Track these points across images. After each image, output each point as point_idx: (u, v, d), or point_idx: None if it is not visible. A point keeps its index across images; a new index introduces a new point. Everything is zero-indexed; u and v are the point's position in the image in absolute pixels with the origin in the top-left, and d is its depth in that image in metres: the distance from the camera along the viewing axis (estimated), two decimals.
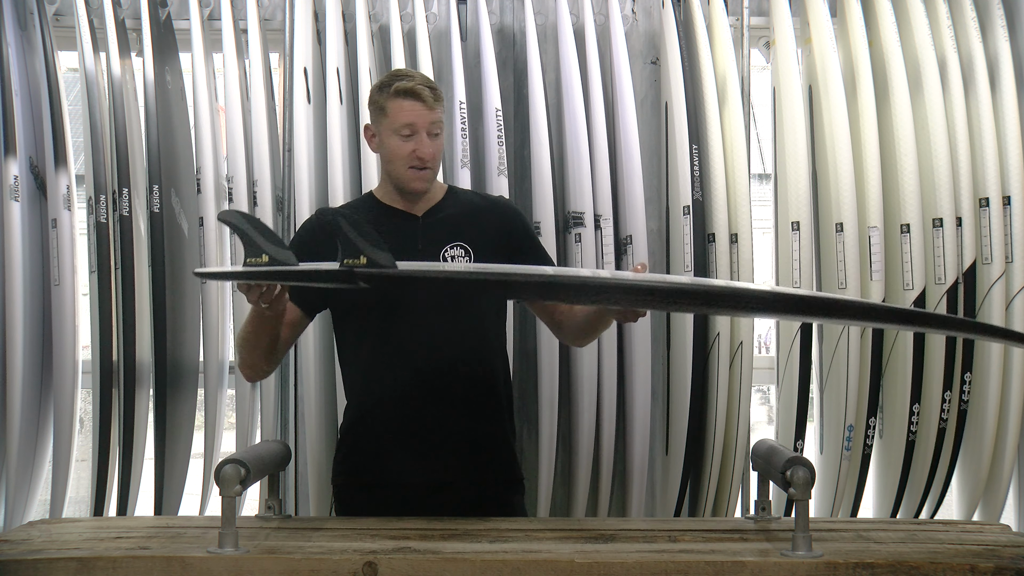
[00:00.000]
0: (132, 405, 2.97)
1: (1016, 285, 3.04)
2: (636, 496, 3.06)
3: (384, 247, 1.91)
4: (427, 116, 2.35)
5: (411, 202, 2.44)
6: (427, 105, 2.35)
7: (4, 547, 1.92)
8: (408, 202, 2.44)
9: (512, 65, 3.25)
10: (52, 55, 3.03)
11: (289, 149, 3.07)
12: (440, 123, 2.39)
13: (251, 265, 1.89)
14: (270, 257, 1.89)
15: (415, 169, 2.38)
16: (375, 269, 1.89)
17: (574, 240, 3.04)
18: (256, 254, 1.89)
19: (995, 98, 3.07)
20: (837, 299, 2.23)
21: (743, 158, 3.05)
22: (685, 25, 3.12)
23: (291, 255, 1.93)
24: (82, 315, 3.07)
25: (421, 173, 2.38)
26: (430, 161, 2.38)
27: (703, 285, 2.28)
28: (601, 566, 1.79)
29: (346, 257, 1.88)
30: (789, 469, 1.89)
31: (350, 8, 3.14)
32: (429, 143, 2.36)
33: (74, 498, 3.26)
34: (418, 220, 2.43)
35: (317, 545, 1.91)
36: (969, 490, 3.13)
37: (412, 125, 2.35)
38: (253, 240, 1.89)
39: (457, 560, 1.81)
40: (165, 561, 1.81)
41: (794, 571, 1.80)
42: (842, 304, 2.17)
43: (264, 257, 1.89)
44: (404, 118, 2.35)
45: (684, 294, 2.13)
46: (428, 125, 2.36)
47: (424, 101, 2.35)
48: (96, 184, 2.97)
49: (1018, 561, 1.82)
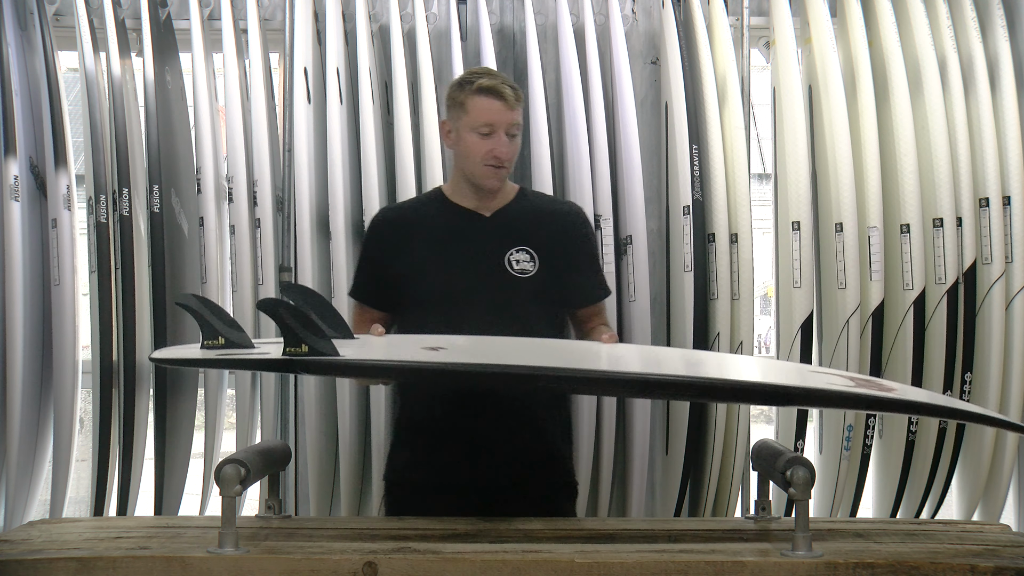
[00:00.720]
0: (132, 405, 2.97)
1: (1016, 285, 3.04)
2: (636, 496, 3.06)
3: (326, 335, 1.94)
4: (507, 116, 2.36)
5: (481, 202, 2.44)
6: (508, 104, 2.36)
7: (4, 547, 1.92)
8: (478, 201, 2.44)
9: (512, 65, 3.25)
10: (52, 55, 3.03)
11: (289, 149, 3.07)
12: (518, 124, 2.40)
13: (208, 347, 1.97)
14: (226, 340, 1.97)
15: (491, 167, 2.38)
16: (316, 357, 1.91)
17: None
18: (212, 336, 1.98)
19: (995, 98, 3.07)
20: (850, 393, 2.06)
21: (743, 158, 3.05)
22: (685, 25, 3.12)
23: (246, 336, 2.00)
24: (82, 315, 3.07)
25: (497, 171, 2.39)
26: (507, 161, 2.38)
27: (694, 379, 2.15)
28: (601, 566, 1.79)
29: (288, 346, 1.91)
30: (789, 469, 1.88)
31: (350, 8, 3.14)
32: (507, 143, 2.37)
33: (74, 498, 3.26)
34: (486, 221, 2.44)
35: (317, 545, 1.91)
36: (969, 490, 3.13)
37: (492, 124, 2.36)
38: (210, 324, 1.97)
39: (457, 560, 1.81)
40: (165, 561, 1.81)
41: (794, 571, 1.80)
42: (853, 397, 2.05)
43: (220, 339, 1.97)
44: (484, 116, 2.36)
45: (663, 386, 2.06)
46: (507, 125, 2.36)
47: (506, 100, 2.36)
48: (96, 184, 2.97)
49: (1018, 561, 1.82)
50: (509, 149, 2.38)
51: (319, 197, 3.06)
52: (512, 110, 2.37)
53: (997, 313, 3.03)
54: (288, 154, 3.07)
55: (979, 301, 3.05)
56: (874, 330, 3.03)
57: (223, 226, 3.13)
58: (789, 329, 3.05)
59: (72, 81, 3.46)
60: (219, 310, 2.00)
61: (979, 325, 3.05)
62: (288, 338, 1.91)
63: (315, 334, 1.91)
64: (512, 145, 2.39)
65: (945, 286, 3.02)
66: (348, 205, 3.03)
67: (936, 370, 3.02)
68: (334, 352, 1.92)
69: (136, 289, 2.98)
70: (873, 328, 3.02)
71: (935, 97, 3.04)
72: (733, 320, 3.02)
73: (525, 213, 2.47)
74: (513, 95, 2.37)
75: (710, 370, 2.26)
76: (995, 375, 3.03)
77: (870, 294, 3.03)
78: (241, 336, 1.99)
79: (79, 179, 3.15)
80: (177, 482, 3.08)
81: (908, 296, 3.02)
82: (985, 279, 3.05)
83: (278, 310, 1.92)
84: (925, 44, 3.05)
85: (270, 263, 3.03)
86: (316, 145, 3.07)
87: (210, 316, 1.98)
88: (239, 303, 3.02)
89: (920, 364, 3.03)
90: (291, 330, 1.90)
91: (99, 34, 3.05)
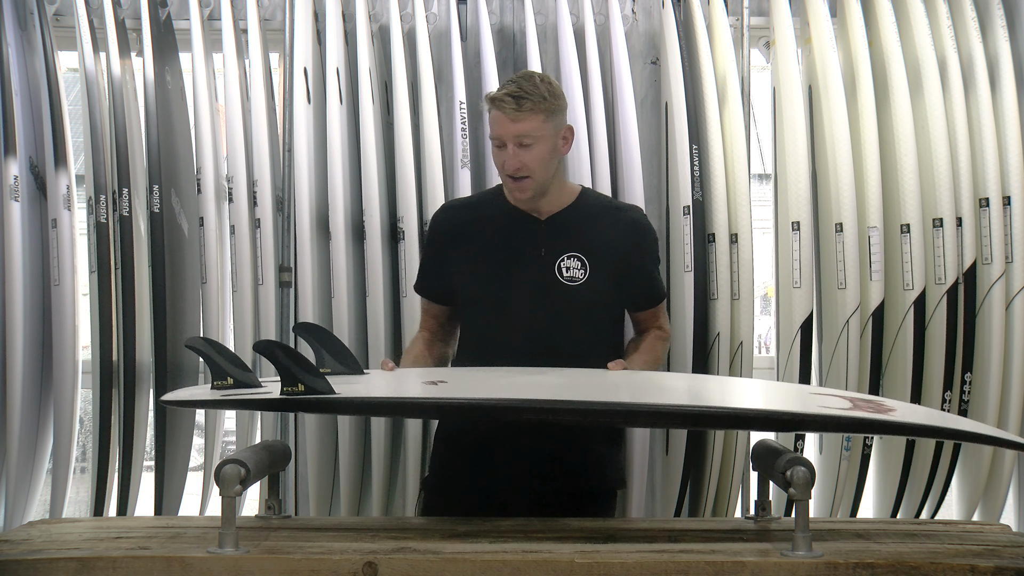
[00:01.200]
0: (132, 405, 2.97)
1: (1016, 285, 3.04)
2: (636, 496, 3.06)
3: (320, 374, 1.95)
4: (510, 128, 2.29)
5: (533, 205, 2.40)
6: (509, 117, 2.29)
7: (4, 547, 1.92)
8: (531, 204, 2.40)
9: (512, 65, 3.25)
10: (52, 55, 3.03)
11: (289, 149, 3.07)
12: (530, 133, 2.29)
13: (218, 388, 2.01)
14: (234, 380, 2.01)
15: (512, 179, 2.34)
16: (313, 395, 1.93)
17: None
18: (221, 376, 2.02)
19: (995, 98, 3.07)
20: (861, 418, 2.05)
21: (743, 158, 3.05)
22: (685, 25, 3.12)
23: (253, 375, 2.04)
24: (82, 315, 3.07)
25: (519, 183, 2.34)
26: (521, 172, 2.32)
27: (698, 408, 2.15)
28: (601, 566, 1.79)
29: (286, 385, 1.94)
30: (789, 469, 1.88)
31: (350, 8, 3.14)
32: (516, 155, 2.30)
33: (74, 498, 3.26)
34: (540, 224, 2.41)
35: (317, 545, 1.91)
36: (969, 490, 3.13)
37: (499, 137, 2.32)
38: (219, 365, 2.01)
39: (457, 560, 1.81)
40: (165, 561, 1.80)
41: (794, 571, 1.80)
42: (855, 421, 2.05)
43: (229, 380, 2.01)
44: (493, 130, 2.33)
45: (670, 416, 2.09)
46: (512, 137, 2.30)
47: (505, 112, 2.29)
48: (96, 184, 2.97)
49: (1018, 561, 1.81)
50: (518, 161, 2.30)
51: (319, 197, 3.06)
52: (515, 121, 2.29)
53: (997, 313, 3.02)
54: (288, 154, 3.07)
55: (979, 301, 3.05)
56: (874, 330, 3.02)
57: (223, 226, 3.13)
58: (789, 329, 3.05)
59: (72, 81, 3.46)
60: (225, 350, 2.04)
61: (979, 325, 3.05)
62: (285, 378, 1.93)
63: (310, 373, 1.94)
64: (527, 155, 2.30)
65: (945, 286, 3.02)
66: (348, 205, 3.03)
67: (936, 370, 3.02)
68: (330, 391, 1.94)
69: (136, 289, 2.98)
70: (873, 328, 3.02)
71: (935, 97, 3.04)
72: (733, 320, 3.02)
73: (581, 218, 2.42)
74: (514, 105, 2.28)
75: (713, 398, 2.25)
76: (995, 375, 3.03)
77: (870, 294, 3.03)
78: (248, 376, 2.03)
79: (79, 179, 3.15)
80: (177, 482, 3.08)
81: (908, 296, 3.02)
82: (985, 279, 3.05)
83: (274, 351, 1.94)
84: (925, 44, 3.05)
85: (270, 263, 3.03)
86: (316, 145, 3.07)
87: (217, 357, 2.02)
88: (239, 303, 3.02)
89: (920, 364, 3.03)
90: (287, 370, 1.93)
91: (99, 34, 3.05)
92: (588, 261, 2.39)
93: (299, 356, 1.96)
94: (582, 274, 2.38)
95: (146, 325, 3.00)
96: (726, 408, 2.06)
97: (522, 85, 2.31)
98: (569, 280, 2.39)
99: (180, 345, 3.05)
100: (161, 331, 2.96)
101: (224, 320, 3.15)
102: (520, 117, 2.29)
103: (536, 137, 2.30)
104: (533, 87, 2.31)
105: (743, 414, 2.05)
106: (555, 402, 2.00)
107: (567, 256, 2.38)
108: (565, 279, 2.38)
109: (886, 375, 3.09)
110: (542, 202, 2.40)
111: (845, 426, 2.14)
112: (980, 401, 3.05)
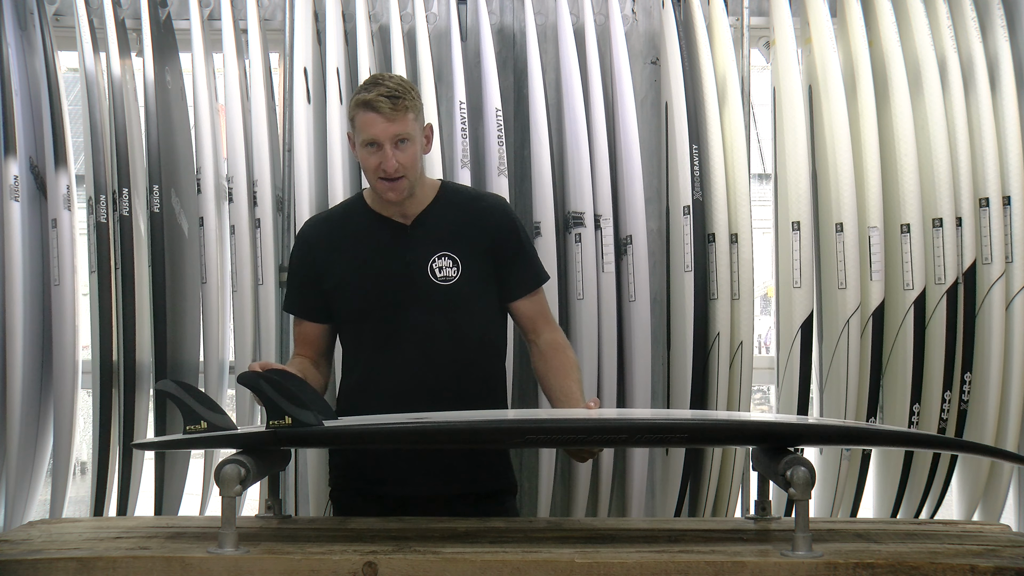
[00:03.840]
0: (132, 405, 2.97)
1: (1016, 285, 3.04)
2: (636, 496, 3.06)
3: (308, 406, 1.93)
4: (388, 129, 2.26)
5: (398, 209, 2.38)
6: (386, 117, 2.26)
7: (4, 547, 1.92)
8: (395, 208, 2.38)
9: (512, 65, 3.25)
10: (52, 55, 3.03)
11: (289, 149, 3.07)
12: (406, 133, 2.28)
13: (191, 432, 1.96)
14: (208, 423, 1.96)
15: (384, 181, 2.31)
16: (300, 429, 1.92)
17: (574, 240, 3.04)
18: (195, 421, 1.96)
19: (995, 98, 3.07)
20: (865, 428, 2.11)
21: (743, 158, 3.05)
22: (685, 25, 3.12)
23: (228, 419, 1.98)
24: (82, 315, 3.07)
25: (392, 184, 2.31)
26: (399, 172, 2.30)
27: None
28: (601, 566, 1.79)
29: (271, 419, 1.92)
30: (789, 469, 1.88)
31: (350, 8, 3.14)
32: (393, 156, 2.28)
33: (74, 498, 3.26)
34: (406, 230, 2.39)
35: (317, 545, 1.91)
36: (969, 490, 3.13)
37: (375, 139, 2.28)
38: (191, 408, 1.96)
39: (457, 560, 1.81)
40: (165, 561, 1.80)
41: (794, 571, 1.79)
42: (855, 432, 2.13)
43: (203, 424, 1.96)
44: (366, 132, 2.28)
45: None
46: (390, 138, 2.27)
47: (381, 113, 2.26)
48: (96, 184, 2.97)
49: (1018, 561, 1.81)
50: (395, 162, 2.28)
51: (319, 197, 3.06)
52: (392, 122, 2.25)
53: (997, 313, 3.03)
54: (288, 154, 3.07)
55: (979, 301, 3.05)
56: (874, 330, 3.03)
57: (223, 226, 3.13)
58: (789, 329, 3.05)
59: (72, 81, 3.46)
60: (200, 394, 1.98)
61: (979, 325, 3.05)
62: (271, 411, 1.92)
63: (297, 405, 1.92)
64: (403, 156, 2.28)
65: (945, 286, 3.02)
66: None
67: (936, 370, 3.02)
68: (317, 423, 1.93)
69: (136, 289, 2.98)
70: (873, 328, 3.02)
71: (935, 97, 3.04)
72: (733, 320, 3.02)
73: (446, 216, 2.40)
74: (390, 106, 2.25)
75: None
76: (995, 375, 3.03)
77: (870, 294, 3.03)
78: (223, 419, 1.97)
79: (79, 179, 3.15)
80: (177, 482, 3.08)
81: (908, 296, 3.02)
82: (985, 279, 3.05)
83: (259, 383, 1.92)
84: (925, 44, 3.06)
85: (270, 263, 3.04)
86: (316, 145, 3.08)
87: (191, 401, 1.96)
88: (239, 303, 3.02)
89: (920, 364, 3.03)
90: (273, 403, 1.91)
91: (99, 34, 3.05)
92: (459, 258, 2.36)
93: (286, 388, 1.93)
94: (455, 272, 2.36)
95: (146, 325, 3.00)
96: (739, 422, 2.08)
97: (389, 85, 2.28)
98: (443, 280, 2.36)
99: (180, 345, 3.05)
100: (161, 331, 2.97)
101: (224, 320, 3.15)
102: (396, 117, 2.26)
103: (410, 135, 2.30)
104: (400, 86, 2.30)
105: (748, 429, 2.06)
106: (561, 421, 2.00)
107: (438, 256, 2.36)
108: (439, 280, 2.36)
109: (886, 375, 3.09)
110: (409, 202, 2.38)
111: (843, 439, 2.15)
112: (980, 401, 3.05)
